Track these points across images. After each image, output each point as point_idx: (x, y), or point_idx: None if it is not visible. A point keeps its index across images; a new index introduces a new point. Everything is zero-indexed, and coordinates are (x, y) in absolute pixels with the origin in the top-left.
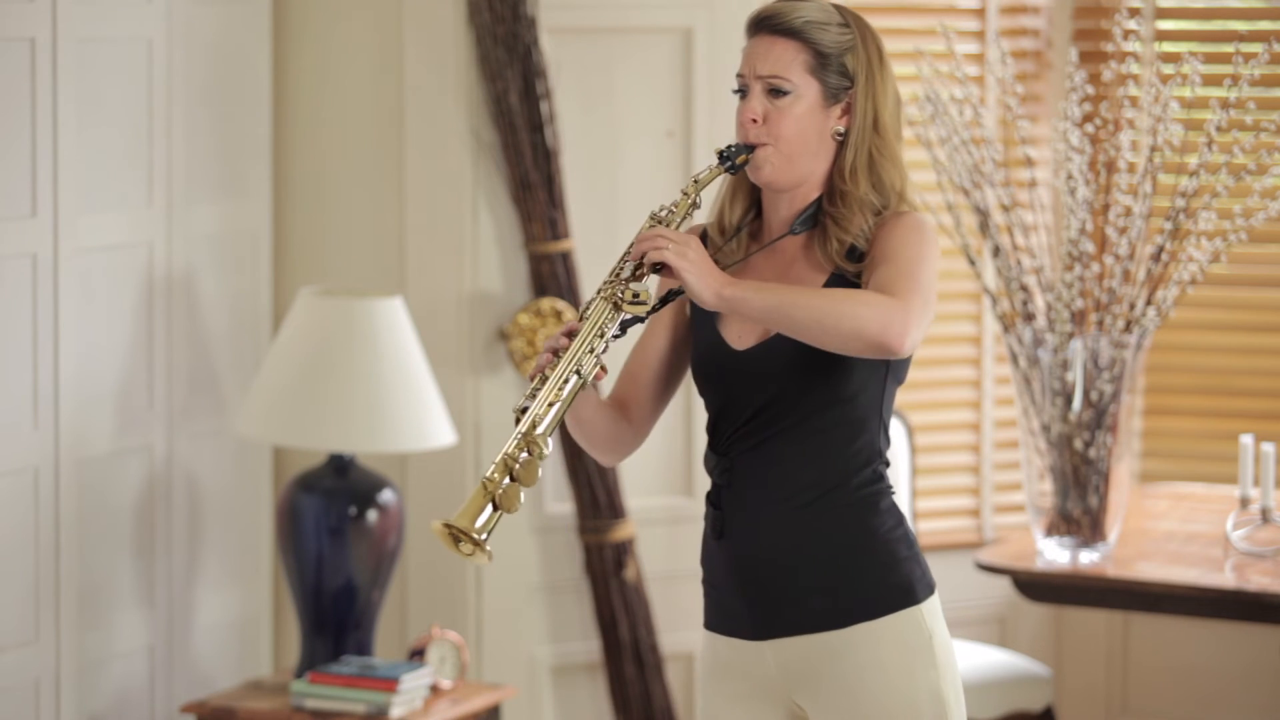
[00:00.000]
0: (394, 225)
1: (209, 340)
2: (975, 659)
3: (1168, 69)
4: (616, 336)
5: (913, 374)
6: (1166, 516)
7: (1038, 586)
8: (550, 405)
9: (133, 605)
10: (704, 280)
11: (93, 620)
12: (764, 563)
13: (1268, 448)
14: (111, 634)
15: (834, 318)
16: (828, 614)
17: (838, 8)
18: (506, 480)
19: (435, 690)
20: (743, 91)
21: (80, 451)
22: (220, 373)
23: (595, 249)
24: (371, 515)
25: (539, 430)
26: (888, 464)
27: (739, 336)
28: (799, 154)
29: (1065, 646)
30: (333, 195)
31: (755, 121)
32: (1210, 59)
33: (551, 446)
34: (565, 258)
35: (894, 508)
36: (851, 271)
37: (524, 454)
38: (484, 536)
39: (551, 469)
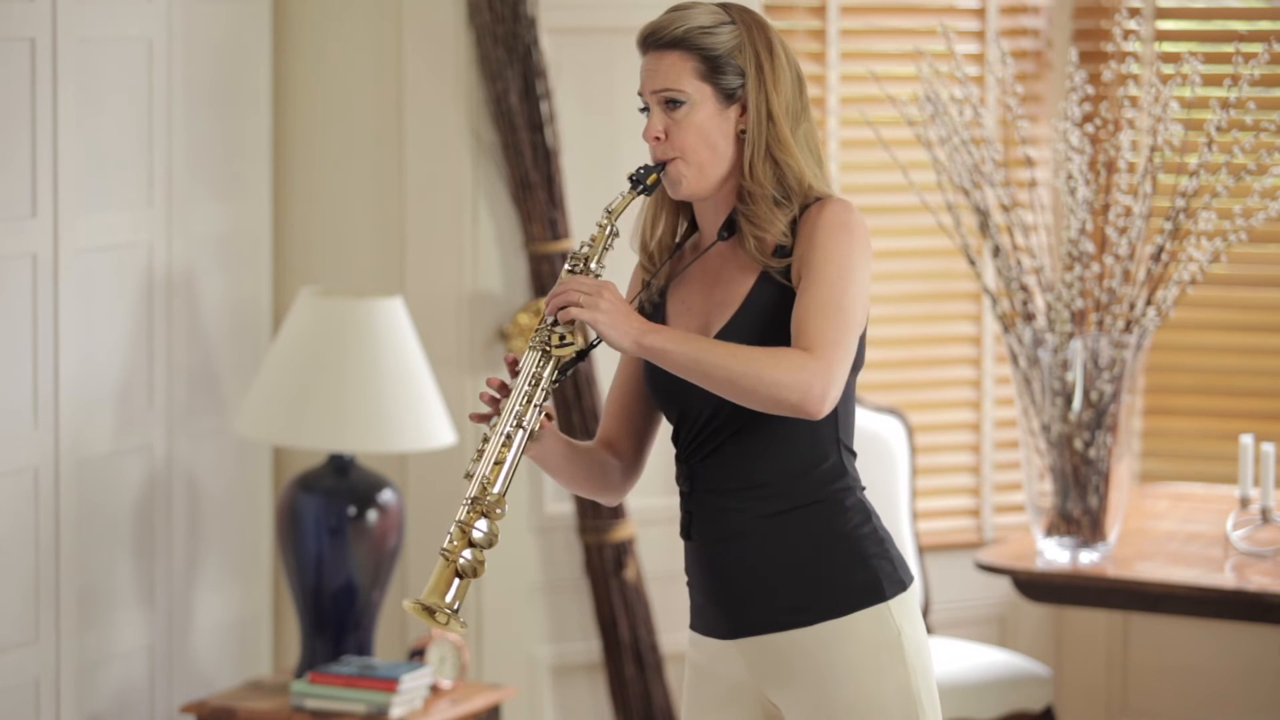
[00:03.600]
0: (394, 225)
1: (209, 340)
2: (975, 659)
3: (1168, 69)
4: (558, 381)
5: (913, 374)
6: (1166, 516)
7: (1038, 586)
8: (498, 464)
9: (133, 605)
10: (619, 330)
11: (93, 620)
12: (729, 564)
13: (1268, 448)
14: (111, 634)
15: (750, 382)
16: (794, 613)
17: (723, 5)
18: (468, 549)
19: (435, 690)
20: (647, 109)
21: (80, 451)
22: (220, 373)
23: None
24: (371, 515)
25: (495, 490)
26: (854, 454)
27: None
28: (709, 161)
29: (1065, 646)
30: (333, 195)
31: (659, 139)
32: (1210, 59)
33: (507, 507)
34: (565, 258)
35: (860, 504)
36: (778, 268)
37: (481, 517)
38: (457, 607)
39: None
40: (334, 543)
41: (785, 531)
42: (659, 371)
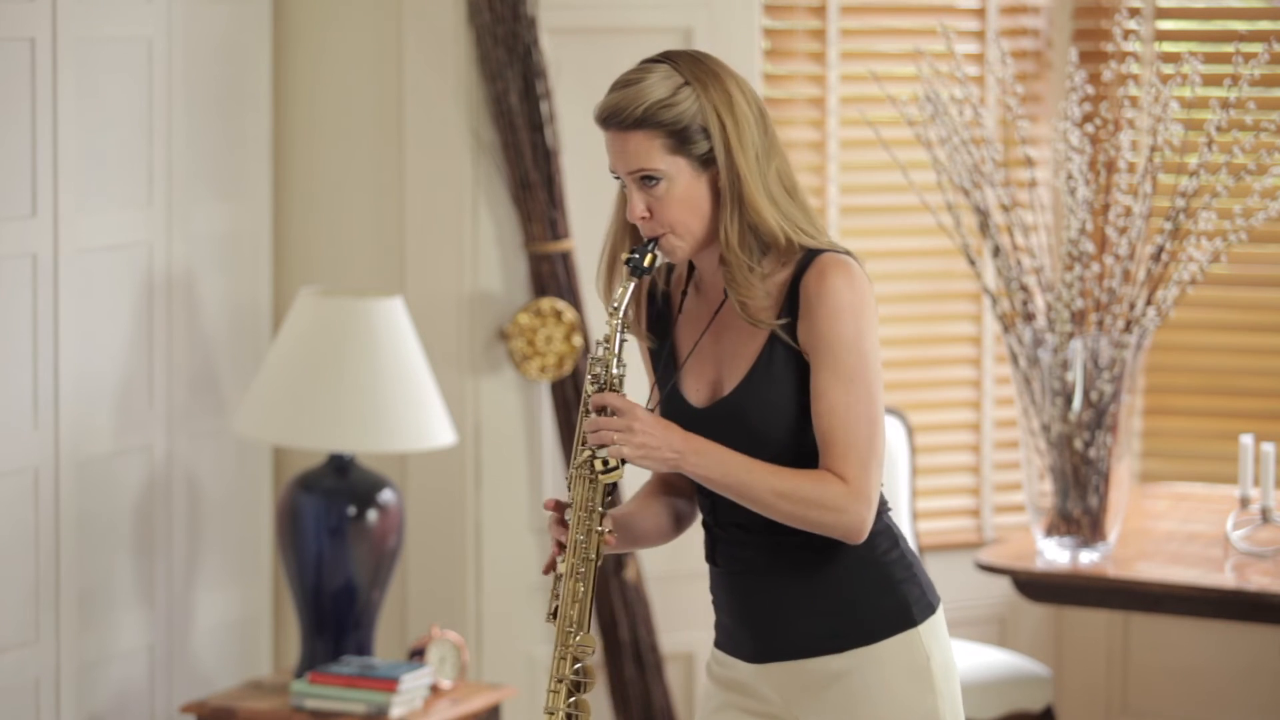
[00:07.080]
0: (394, 225)
1: (209, 340)
2: (975, 659)
3: (1168, 69)
4: (610, 498)
5: (913, 374)
6: (1166, 516)
7: (1038, 586)
8: (576, 602)
9: (133, 605)
10: (655, 461)
11: (93, 620)
12: (757, 592)
13: (1268, 448)
14: (111, 634)
15: (796, 522)
16: (823, 640)
17: (673, 63)
18: (572, 696)
19: (435, 690)
20: (620, 178)
21: (80, 451)
22: (220, 373)
23: (595, 249)
24: (371, 515)
25: (581, 631)
26: None
27: (696, 392)
28: (699, 225)
29: (1065, 646)
30: (333, 195)
31: (645, 218)
32: (1210, 59)
33: (597, 639)
34: (565, 258)
35: (887, 529)
36: (782, 327)
37: (575, 662)
38: None
39: (552, 470)
40: (334, 543)
41: (814, 561)
42: (671, 413)
